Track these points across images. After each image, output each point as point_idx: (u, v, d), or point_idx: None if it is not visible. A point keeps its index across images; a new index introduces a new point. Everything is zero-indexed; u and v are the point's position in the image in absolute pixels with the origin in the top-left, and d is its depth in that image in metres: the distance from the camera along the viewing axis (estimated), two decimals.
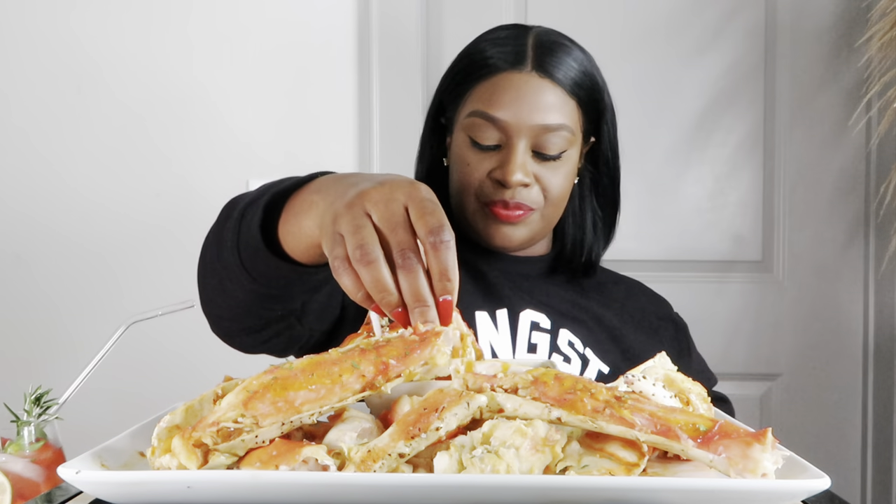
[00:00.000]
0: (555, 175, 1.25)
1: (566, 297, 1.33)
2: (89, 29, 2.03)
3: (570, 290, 1.35)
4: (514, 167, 1.22)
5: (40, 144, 2.04)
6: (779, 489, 0.61)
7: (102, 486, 0.61)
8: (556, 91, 1.23)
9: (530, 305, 1.28)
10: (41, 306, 2.05)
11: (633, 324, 1.35)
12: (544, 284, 1.34)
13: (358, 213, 0.74)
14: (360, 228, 0.73)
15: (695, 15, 2.10)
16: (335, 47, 2.04)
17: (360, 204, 0.74)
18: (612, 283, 1.41)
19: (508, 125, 1.22)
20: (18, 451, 0.84)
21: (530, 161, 1.24)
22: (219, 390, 0.71)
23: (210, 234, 1.00)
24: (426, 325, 0.71)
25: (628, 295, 1.40)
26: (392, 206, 0.73)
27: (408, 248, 0.72)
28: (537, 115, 1.22)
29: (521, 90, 1.23)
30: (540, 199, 1.26)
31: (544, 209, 1.27)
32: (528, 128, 1.22)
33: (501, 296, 1.27)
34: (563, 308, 1.31)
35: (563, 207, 1.31)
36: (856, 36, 2.06)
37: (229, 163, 2.04)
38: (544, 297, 1.31)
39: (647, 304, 1.41)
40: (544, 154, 1.24)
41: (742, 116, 2.12)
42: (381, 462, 0.62)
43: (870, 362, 2.12)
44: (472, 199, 1.26)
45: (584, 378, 0.68)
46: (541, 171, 1.25)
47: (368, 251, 0.72)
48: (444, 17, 2.10)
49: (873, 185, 2.09)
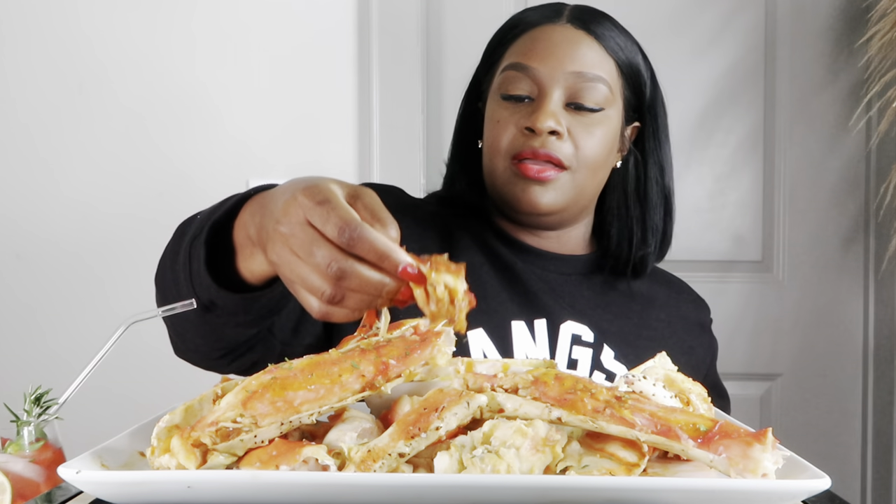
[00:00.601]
0: (589, 132, 1.17)
1: (610, 307, 1.26)
2: (91, 28, 2.03)
3: (614, 297, 1.27)
4: (546, 112, 1.14)
5: (41, 144, 2.04)
6: (779, 489, 0.61)
7: (102, 486, 0.61)
8: (594, 46, 1.18)
9: (571, 316, 1.20)
10: (41, 306, 2.05)
11: (676, 338, 1.28)
12: (586, 290, 1.26)
13: (284, 260, 0.73)
14: (303, 273, 0.71)
15: (695, 15, 2.10)
16: (335, 47, 2.04)
17: (276, 249, 0.73)
18: (659, 284, 1.33)
19: (541, 73, 1.16)
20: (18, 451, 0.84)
21: (563, 112, 1.16)
22: (218, 390, 0.71)
23: (164, 274, 0.96)
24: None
25: (674, 301, 1.33)
26: (298, 232, 0.71)
27: (335, 261, 0.70)
28: (571, 63, 1.16)
29: (555, 39, 1.17)
30: (572, 156, 1.16)
31: (576, 171, 1.17)
32: (563, 75, 1.16)
33: (540, 305, 1.20)
34: (607, 319, 1.23)
35: (598, 178, 1.21)
36: (856, 36, 2.05)
37: (230, 162, 2.04)
38: (587, 307, 1.24)
39: (692, 311, 1.34)
40: (579, 104, 1.16)
41: (742, 116, 2.12)
42: (381, 462, 0.62)
43: (870, 362, 2.12)
44: (501, 159, 1.18)
45: (585, 378, 0.68)
46: (575, 124, 1.16)
47: (326, 291, 0.70)
48: (444, 17, 2.10)
49: (873, 185, 2.09)
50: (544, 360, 0.76)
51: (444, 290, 0.72)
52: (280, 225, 0.73)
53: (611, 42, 1.19)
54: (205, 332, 0.97)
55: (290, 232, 0.72)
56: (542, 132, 1.14)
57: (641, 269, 1.28)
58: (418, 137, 2.07)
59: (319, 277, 0.70)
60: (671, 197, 1.29)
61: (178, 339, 1.02)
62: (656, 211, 1.27)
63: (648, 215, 1.26)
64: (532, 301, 1.20)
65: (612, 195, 1.26)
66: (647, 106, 1.25)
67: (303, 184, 0.74)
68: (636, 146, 1.27)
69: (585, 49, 1.17)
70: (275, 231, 0.74)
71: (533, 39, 1.19)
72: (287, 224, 0.72)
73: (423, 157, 2.08)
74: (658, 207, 1.27)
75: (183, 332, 1.00)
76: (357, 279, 0.70)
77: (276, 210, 0.75)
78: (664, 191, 1.28)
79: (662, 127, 1.27)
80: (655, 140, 1.26)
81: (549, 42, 1.17)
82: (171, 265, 0.94)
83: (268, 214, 0.77)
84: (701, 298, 1.38)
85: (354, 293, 0.70)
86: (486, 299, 1.17)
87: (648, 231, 1.27)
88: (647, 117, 1.25)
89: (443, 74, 2.08)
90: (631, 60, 1.21)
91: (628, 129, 1.25)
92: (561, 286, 1.24)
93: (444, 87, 2.09)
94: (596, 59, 1.17)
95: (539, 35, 1.18)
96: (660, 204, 1.27)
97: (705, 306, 1.38)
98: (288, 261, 0.73)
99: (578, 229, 1.28)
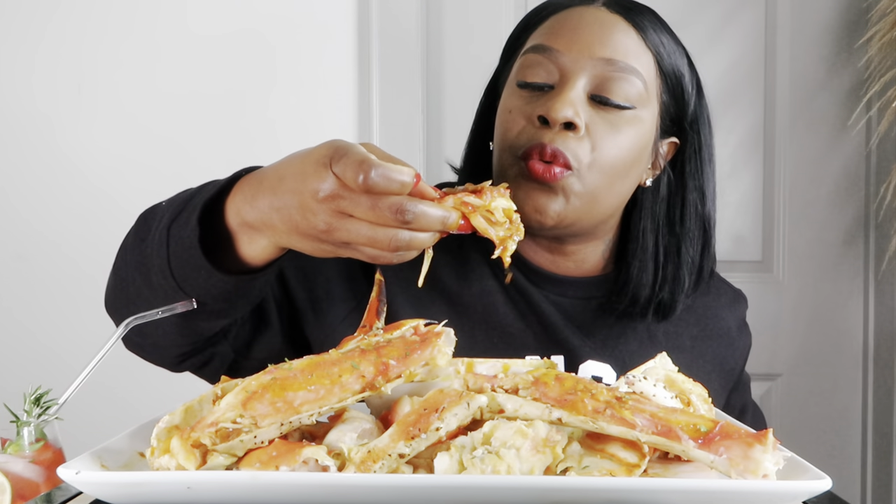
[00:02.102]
0: (612, 131, 0.99)
1: (636, 332, 1.10)
2: (91, 28, 2.03)
3: (637, 327, 1.10)
4: (564, 100, 0.97)
5: (41, 144, 2.04)
6: (780, 490, 0.61)
7: (102, 486, 0.61)
8: (630, 33, 1.01)
9: (592, 354, 1.05)
10: (41, 306, 2.05)
11: (708, 356, 1.14)
12: (608, 318, 1.10)
13: (334, 228, 0.76)
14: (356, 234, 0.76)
15: (695, 15, 2.10)
16: (335, 47, 2.04)
17: (321, 220, 0.76)
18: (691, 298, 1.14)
19: (564, 58, 1.00)
20: (18, 452, 0.84)
21: (585, 103, 0.99)
22: (218, 390, 0.71)
23: (124, 264, 0.92)
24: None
25: (710, 313, 1.16)
26: (347, 194, 0.74)
27: (400, 208, 0.74)
28: (601, 48, 0.99)
29: (585, 20, 1.01)
30: (586, 156, 0.98)
31: (587, 172, 0.99)
32: (590, 62, 0.99)
33: (559, 339, 1.06)
34: (629, 351, 1.08)
35: (615, 190, 1.03)
36: (856, 36, 2.05)
37: (230, 162, 2.03)
38: (608, 336, 1.09)
39: (727, 317, 1.17)
40: (605, 98, 0.99)
41: (742, 116, 2.12)
42: (381, 462, 0.62)
43: (870, 362, 2.12)
44: (509, 156, 1.01)
45: (585, 379, 0.68)
46: (597, 121, 0.99)
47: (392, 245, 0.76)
48: (444, 16, 2.09)
49: (873, 185, 2.09)
50: (545, 360, 0.76)
51: (501, 213, 0.78)
52: (318, 196, 0.75)
53: (651, 35, 1.02)
54: (177, 323, 0.92)
55: (338, 197, 0.74)
56: (556, 123, 0.97)
57: (669, 311, 1.09)
58: (418, 137, 2.07)
59: (384, 229, 0.75)
60: (711, 228, 1.10)
61: (139, 333, 0.94)
62: (693, 244, 1.09)
63: (685, 247, 1.08)
64: (550, 334, 1.07)
65: (638, 218, 1.09)
66: (690, 120, 1.08)
67: (317, 154, 0.76)
68: (672, 166, 1.10)
69: (620, 35, 1.01)
70: (312, 205, 0.75)
71: (560, 21, 1.03)
72: (329, 192, 0.74)
73: (424, 157, 2.08)
74: (697, 240, 1.09)
75: (151, 327, 0.93)
76: (424, 218, 0.74)
77: (298, 188, 0.76)
78: (703, 220, 1.10)
79: (706, 147, 1.09)
80: (697, 161, 1.09)
81: (579, 23, 1.01)
82: (136, 250, 0.90)
83: (283, 195, 0.78)
84: (735, 292, 1.21)
85: (421, 232, 0.76)
86: (500, 330, 1.07)
87: (683, 266, 1.08)
88: (688, 133, 1.08)
89: (443, 74, 2.08)
90: (674, 62, 1.05)
91: (664, 144, 1.08)
92: (580, 314, 1.09)
93: (444, 86, 2.09)
94: (632, 48, 1.00)
95: (567, 16, 1.03)
96: (699, 236, 1.10)
97: (741, 300, 1.21)
98: (343, 226, 0.75)
99: (597, 247, 1.11)
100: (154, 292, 0.89)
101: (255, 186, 0.82)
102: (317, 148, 0.77)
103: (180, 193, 0.92)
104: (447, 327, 0.72)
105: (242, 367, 1.05)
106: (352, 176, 0.73)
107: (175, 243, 0.85)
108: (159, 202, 0.95)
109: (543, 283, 1.09)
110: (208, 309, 0.89)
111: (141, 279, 0.90)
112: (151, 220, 0.91)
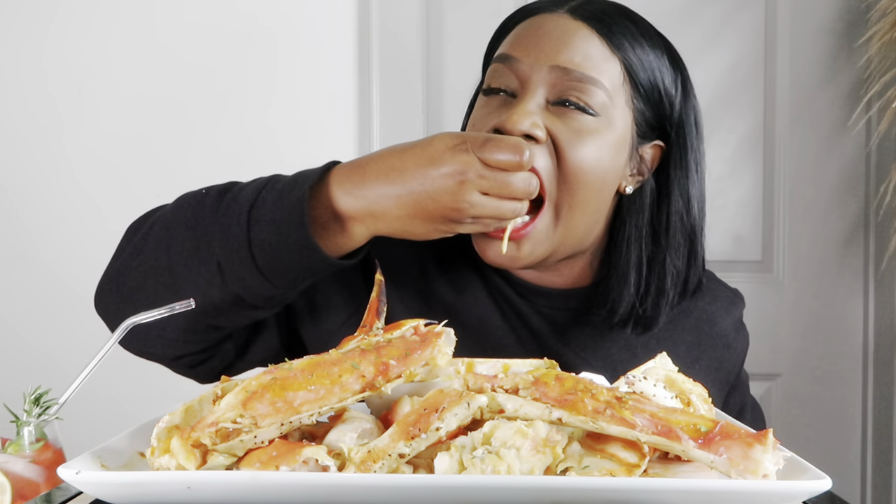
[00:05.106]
0: (575, 137, 0.96)
1: (625, 350, 1.06)
2: (91, 27, 2.03)
3: (629, 337, 1.06)
4: (520, 111, 0.94)
5: (40, 144, 2.04)
6: (780, 490, 0.61)
7: (102, 486, 0.61)
8: (593, 40, 0.98)
9: (585, 366, 1.02)
10: (41, 306, 2.05)
11: (704, 360, 1.10)
12: (600, 328, 1.06)
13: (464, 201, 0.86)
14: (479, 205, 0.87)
15: (695, 15, 2.10)
16: (335, 48, 2.04)
17: (462, 199, 0.86)
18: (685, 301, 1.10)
19: (522, 66, 0.97)
20: (18, 452, 0.84)
21: (543, 111, 0.96)
22: (218, 390, 0.71)
23: (161, 250, 0.92)
24: None
25: (704, 316, 1.11)
26: (487, 173, 0.85)
27: (531, 179, 0.89)
28: (556, 57, 0.97)
29: (546, 27, 0.99)
30: (550, 172, 0.96)
31: (557, 199, 0.97)
32: (546, 70, 0.96)
33: (551, 353, 1.01)
34: (623, 359, 1.05)
35: (591, 207, 0.99)
36: (856, 36, 2.05)
37: (229, 163, 2.03)
38: (599, 347, 1.05)
39: (723, 318, 1.13)
40: (564, 103, 0.96)
41: (742, 116, 2.12)
42: (381, 462, 0.62)
43: (870, 362, 2.12)
44: None
45: (585, 379, 0.68)
46: (559, 125, 0.96)
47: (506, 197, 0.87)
48: (444, 17, 2.09)
49: (873, 185, 2.09)
50: (545, 360, 0.76)
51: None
52: (465, 176, 0.85)
53: (619, 39, 0.99)
54: (220, 308, 0.92)
55: (482, 178, 0.85)
56: (513, 134, 0.93)
57: (651, 324, 1.05)
58: (418, 137, 2.07)
59: (509, 202, 0.87)
60: (698, 238, 1.06)
61: (144, 327, 0.90)
62: (679, 254, 1.04)
63: (669, 258, 1.03)
64: (542, 347, 1.04)
65: (622, 227, 1.04)
66: (674, 122, 1.03)
67: (446, 142, 0.87)
68: (656, 173, 1.05)
69: (581, 42, 0.97)
70: (451, 187, 0.85)
71: (523, 29, 1.01)
72: (477, 173, 0.85)
73: None
74: (682, 249, 1.04)
75: (163, 321, 0.91)
76: (536, 183, 0.89)
77: (430, 174, 0.86)
78: (689, 229, 1.04)
79: (692, 150, 1.04)
80: (682, 165, 1.03)
81: (538, 31, 0.99)
82: (185, 236, 0.91)
83: (407, 183, 0.86)
84: (731, 294, 1.17)
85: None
86: (493, 343, 1.04)
87: (667, 277, 1.03)
88: (671, 136, 1.03)
89: (443, 75, 2.08)
90: (647, 64, 1.00)
91: (647, 149, 1.03)
92: (570, 326, 1.06)
93: (444, 87, 2.09)
94: (593, 55, 0.97)
95: (530, 25, 1.01)
96: (684, 245, 1.05)
97: (737, 300, 1.17)
98: (479, 203, 0.85)
99: (584, 258, 1.07)
100: (209, 277, 0.90)
101: (355, 180, 0.89)
102: (435, 138, 0.88)
103: (233, 183, 0.95)
104: (447, 328, 0.72)
105: (238, 368, 1.06)
106: (504, 157, 0.85)
107: (265, 226, 0.88)
108: (199, 189, 0.96)
109: (531, 296, 1.07)
110: (276, 297, 0.92)
111: (192, 263, 0.90)
112: (200, 207, 0.92)
